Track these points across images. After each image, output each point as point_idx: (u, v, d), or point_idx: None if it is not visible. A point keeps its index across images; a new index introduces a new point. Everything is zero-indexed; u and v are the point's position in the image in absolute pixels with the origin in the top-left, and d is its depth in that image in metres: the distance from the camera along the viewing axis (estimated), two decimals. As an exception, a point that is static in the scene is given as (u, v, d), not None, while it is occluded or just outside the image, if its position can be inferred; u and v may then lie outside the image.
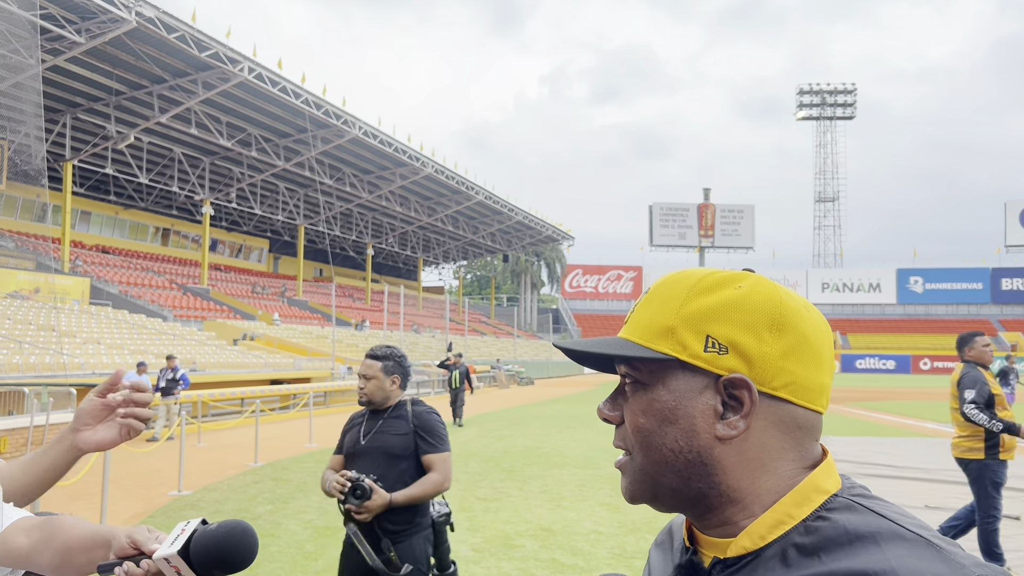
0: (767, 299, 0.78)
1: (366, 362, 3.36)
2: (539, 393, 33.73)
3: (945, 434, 16.16)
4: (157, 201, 44.34)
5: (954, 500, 8.50)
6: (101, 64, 27.72)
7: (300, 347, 33.31)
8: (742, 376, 0.76)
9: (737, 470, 0.77)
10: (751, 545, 0.75)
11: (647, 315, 0.82)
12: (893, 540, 0.68)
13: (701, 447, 0.77)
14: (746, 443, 0.77)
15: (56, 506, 8.42)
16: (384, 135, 39.33)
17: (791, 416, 0.78)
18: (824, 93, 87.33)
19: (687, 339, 0.78)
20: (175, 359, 16.36)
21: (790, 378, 0.77)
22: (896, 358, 66.77)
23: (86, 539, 1.25)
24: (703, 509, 0.79)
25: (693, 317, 0.78)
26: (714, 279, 0.81)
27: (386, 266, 69.90)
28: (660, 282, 0.85)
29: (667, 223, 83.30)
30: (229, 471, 11.22)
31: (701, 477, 0.77)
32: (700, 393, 0.77)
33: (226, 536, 1.18)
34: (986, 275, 78.75)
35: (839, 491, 0.76)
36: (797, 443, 0.78)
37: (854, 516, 0.72)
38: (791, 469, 0.77)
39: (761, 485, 0.77)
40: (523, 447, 13.83)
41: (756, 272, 0.82)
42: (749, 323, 0.77)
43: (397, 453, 3.29)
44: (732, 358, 0.76)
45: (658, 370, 0.79)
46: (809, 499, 0.75)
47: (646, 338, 0.80)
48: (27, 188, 34.21)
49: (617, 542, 6.87)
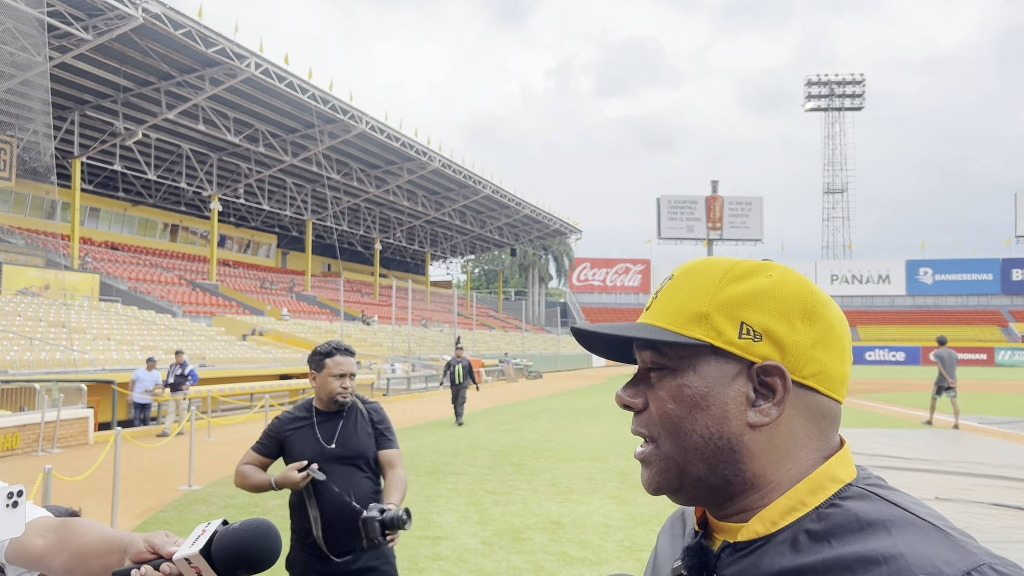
0: (799, 288, 0.79)
1: (347, 359, 3.19)
2: (547, 387, 33.73)
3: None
4: (165, 197, 44.49)
5: (965, 492, 8.47)
6: (108, 61, 27.77)
7: (309, 342, 33.35)
8: (777, 363, 0.76)
9: (764, 457, 0.77)
10: (763, 530, 0.75)
11: (676, 301, 0.81)
12: (904, 527, 0.68)
13: (732, 434, 0.77)
14: (775, 431, 0.77)
15: (67, 501, 8.46)
16: (391, 129, 39.32)
17: (817, 405, 0.78)
18: (832, 84, 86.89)
19: (722, 325, 0.77)
20: (183, 354, 16.41)
21: (819, 367, 0.77)
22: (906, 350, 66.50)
23: (102, 544, 1.23)
24: (725, 497, 0.79)
25: (728, 303, 0.78)
26: (745, 267, 0.81)
27: (394, 261, 69.99)
28: (687, 268, 0.84)
29: (675, 216, 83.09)
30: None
31: (728, 464, 0.77)
32: (732, 380, 0.77)
33: (249, 535, 1.15)
34: (996, 266, 78.30)
35: (854, 480, 0.76)
36: (820, 432, 0.79)
37: (867, 504, 0.72)
38: (812, 458, 0.78)
39: (784, 473, 0.77)
40: (532, 441, 13.84)
41: (778, 263, 0.83)
42: (783, 311, 0.77)
43: (368, 454, 3.18)
44: (766, 345, 0.77)
45: (689, 356, 0.79)
46: (824, 487, 0.75)
47: (676, 323, 0.80)
48: (36, 185, 34.35)
49: (626, 535, 6.87)
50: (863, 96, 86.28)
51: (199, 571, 1.14)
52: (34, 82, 24.90)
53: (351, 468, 3.11)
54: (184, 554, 1.14)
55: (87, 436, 14.05)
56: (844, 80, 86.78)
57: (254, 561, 1.15)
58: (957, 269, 79.54)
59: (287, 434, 3.20)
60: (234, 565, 1.14)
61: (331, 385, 3.17)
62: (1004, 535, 6.46)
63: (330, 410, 3.22)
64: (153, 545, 1.17)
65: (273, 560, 1.17)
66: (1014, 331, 70.10)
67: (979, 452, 11.82)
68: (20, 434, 12.61)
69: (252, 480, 3.16)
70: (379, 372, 29.70)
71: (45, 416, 12.90)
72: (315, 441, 3.13)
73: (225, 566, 1.14)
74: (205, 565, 1.13)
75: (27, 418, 12.89)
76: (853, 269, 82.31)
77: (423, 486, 9.25)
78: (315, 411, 3.23)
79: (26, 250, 32.68)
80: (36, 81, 24.76)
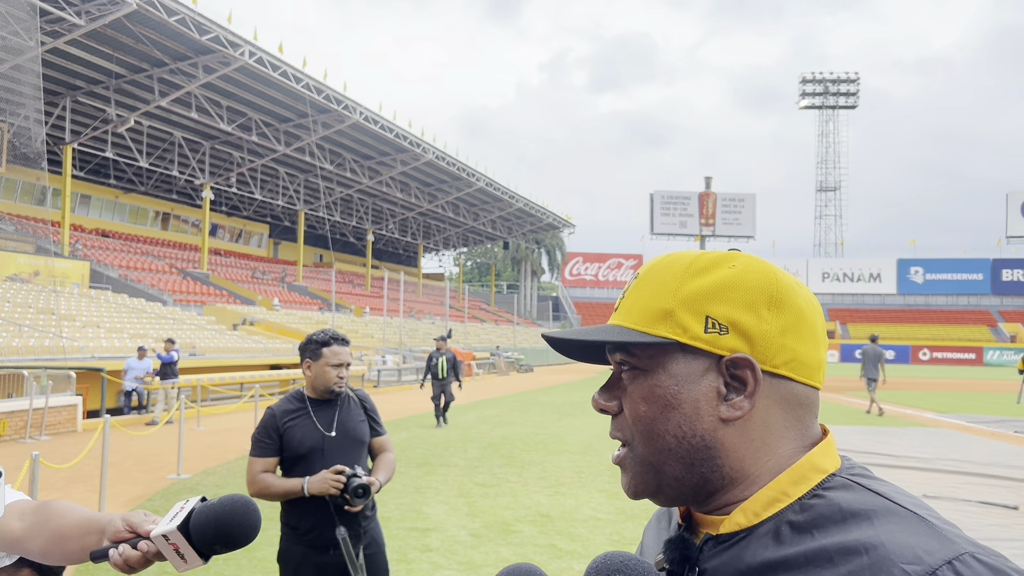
0: (763, 277, 0.77)
1: (343, 349, 3.16)
2: (538, 380, 33.77)
3: (943, 424, 16.17)
4: (157, 185, 44.25)
5: (953, 490, 8.51)
6: (101, 47, 27.57)
7: (300, 332, 33.27)
8: (745, 355, 0.75)
9: (740, 450, 0.76)
10: (745, 522, 0.74)
11: (640, 300, 0.80)
12: (886, 516, 0.67)
13: (705, 430, 0.76)
14: (749, 423, 0.76)
15: (55, 489, 8.43)
16: (385, 120, 39.20)
17: (792, 393, 0.77)
18: (827, 82, 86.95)
19: (687, 321, 0.76)
20: (174, 344, 16.35)
21: (791, 355, 0.76)
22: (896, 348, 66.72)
23: (80, 525, 1.21)
24: (705, 494, 0.78)
25: (691, 298, 0.77)
26: (707, 259, 0.80)
27: (386, 252, 69.86)
28: (650, 266, 0.83)
29: (668, 211, 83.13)
30: (228, 455, 11.22)
31: (704, 461, 0.76)
32: (702, 375, 0.76)
33: (227, 511, 1.14)
34: (987, 266, 78.63)
35: (837, 471, 0.75)
36: (798, 420, 0.77)
37: (850, 494, 0.71)
38: (792, 448, 0.77)
39: (763, 465, 0.76)
40: (522, 434, 13.84)
41: (743, 252, 0.81)
42: (748, 301, 0.76)
43: (364, 439, 3.20)
44: (733, 338, 0.75)
45: (657, 355, 0.78)
46: (806, 478, 0.74)
47: (642, 323, 0.78)
48: (27, 171, 34.08)
49: (615, 528, 6.88)
50: (858, 95, 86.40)
51: (177, 548, 1.12)
52: (25, 67, 24.69)
53: (352, 454, 3.13)
54: (162, 531, 1.12)
55: (75, 424, 13.99)
56: (839, 78, 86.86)
57: (233, 537, 1.14)
58: (948, 269, 79.83)
59: (286, 426, 3.13)
60: (212, 541, 1.13)
61: (328, 375, 3.13)
62: (991, 533, 6.50)
63: (324, 398, 3.20)
64: (131, 524, 1.15)
65: (252, 536, 1.16)
66: (1003, 331, 70.48)
67: (967, 451, 11.88)
68: (8, 421, 12.55)
69: (277, 488, 3.03)
70: (370, 363, 29.68)
71: (33, 403, 12.84)
72: (315, 429, 3.11)
73: (203, 542, 1.13)
74: (183, 541, 1.12)
75: (15, 405, 12.83)
76: (845, 267, 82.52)
77: (413, 478, 9.24)
78: (308, 400, 3.19)
79: (16, 236, 32.47)
80: (27, 66, 24.56)
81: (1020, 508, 7.57)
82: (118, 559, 1.13)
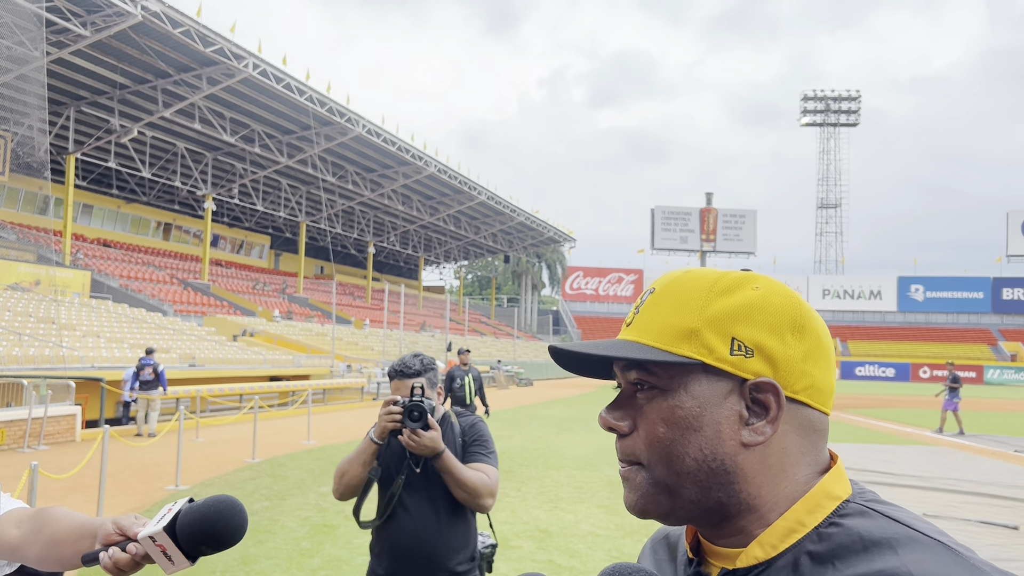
0: (787, 300, 0.76)
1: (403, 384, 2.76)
2: (538, 394, 33.70)
3: (943, 442, 16.14)
4: (159, 196, 44.34)
5: (953, 509, 8.49)
6: (105, 58, 27.71)
7: (300, 344, 33.28)
8: (770, 380, 0.73)
9: (759, 477, 0.74)
10: (763, 555, 0.72)
11: (661, 316, 0.77)
12: (910, 545, 0.65)
13: (726, 455, 0.74)
14: (768, 448, 0.74)
15: (54, 499, 8.42)
16: (387, 133, 39.32)
17: (808, 419, 0.76)
18: (828, 100, 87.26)
19: (713, 342, 0.74)
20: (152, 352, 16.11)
21: (810, 381, 0.75)
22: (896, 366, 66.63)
23: (74, 530, 1.22)
24: (719, 519, 0.76)
25: (717, 318, 0.75)
26: (731, 279, 0.78)
27: (387, 265, 69.90)
28: (670, 281, 0.80)
29: (669, 227, 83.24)
30: (227, 467, 11.20)
31: (722, 486, 0.74)
32: (725, 398, 0.74)
33: (213, 511, 1.13)
34: (987, 284, 78.64)
35: (851, 496, 0.74)
36: (812, 446, 0.76)
37: (868, 522, 0.69)
38: (807, 474, 0.75)
39: (780, 492, 0.74)
40: (521, 448, 13.81)
41: (758, 273, 0.80)
42: (773, 325, 0.75)
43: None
44: (758, 361, 0.74)
45: (679, 374, 0.75)
46: (821, 506, 0.72)
47: (664, 340, 0.76)
48: (30, 180, 34.23)
49: (614, 544, 6.86)
50: (859, 112, 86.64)
51: (164, 549, 1.13)
52: (30, 77, 24.83)
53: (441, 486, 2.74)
54: (148, 532, 1.13)
55: (74, 433, 13.96)
56: (840, 96, 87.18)
57: (219, 538, 1.14)
58: (948, 287, 79.85)
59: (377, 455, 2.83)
60: (198, 542, 1.13)
61: None
62: (992, 553, 6.48)
63: None
64: (121, 527, 1.16)
65: (238, 537, 1.16)
66: (1003, 350, 70.38)
67: (967, 470, 11.85)
68: (6, 430, 12.53)
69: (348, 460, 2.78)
70: (370, 376, 29.64)
71: (32, 412, 12.82)
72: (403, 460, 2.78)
73: (189, 543, 1.13)
74: (170, 543, 1.12)
75: (14, 414, 12.80)
76: (845, 284, 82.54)
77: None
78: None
79: (18, 245, 32.52)
80: (32, 76, 24.69)
81: (1020, 528, 7.55)
82: (108, 562, 1.14)
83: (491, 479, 2.73)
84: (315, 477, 10.28)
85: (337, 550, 6.55)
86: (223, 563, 6.01)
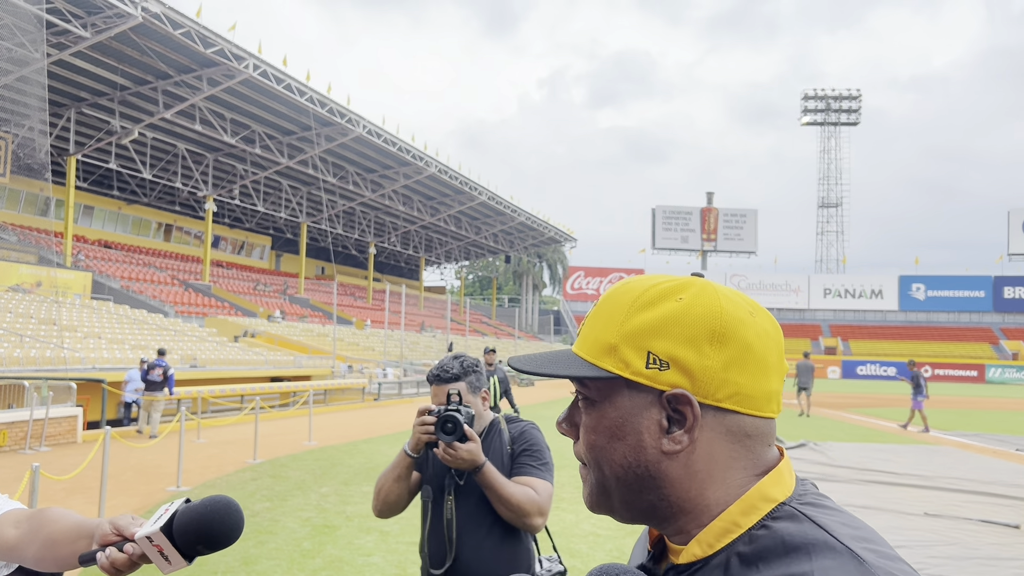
0: (707, 310, 0.77)
1: (441, 389, 2.54)
2: (539, 394, 33.69)
3: (945, 441, 16.13)
4: (160, 197, 44.39)
5: (954, 508, 8.48)
6: (106, 59, 27.73)
7: (301, 345, 33.32)
8: (683, 391, 0.76)
9: (684, 482, 0.77)
10: (700, 552, 0.76)
11: (593, 331, 0.82)
12: (824, 552, 0.67)
13: (649, 462, 0.78)
14: (693, 456, 0.77)
15: (55, 500, 8.42)
16: (388, 134, 39.33)
17: (739, 426, 0.78)
18: (829, 99, 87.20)
19: (629, 356, 0.78)
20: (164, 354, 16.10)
21: (734, 389, 0.76)
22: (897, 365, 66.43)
23: (71, 531, 1.23)
24: (657, 519, 0.81)
25: (634, 334, 0.78)
26: (656, 291, 0.80)
27: (388, 265, 69.92)
28: (607, 295, 0.84)
29: (670, 226, 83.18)
30: (228, 467, 11.21)
31: (650, 490, 0.79)
32: (646, 409, 0.78)
33: (210, 511, 1.15)
34: (988, 283, 78.54)
35: (788, 499, 0.76)
36: (747, 451, 0.78)
37: (793, 526, 0.71)
38: (741, 478, 0.78)
39: (709, 496, 0.77)
40: (522, 448, 13.78)
41: (705, 277, 0.82)
42: (689, 337, 0.77)
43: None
44: (674, 373, 0.77)
45: (605, 387, 0.80)
46: (756, 508, 0.75)
47: (592, 355, 0.80)
48: (30, 182, 34.24)
49: (615, 544, 6.86)
50: (859, 111, 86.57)
51: (161, 549, 1.13)
52: (31, 79, 24.85)
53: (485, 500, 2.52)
54: (145, 533, 1.14)
55: (75, 435, 13.97)
56: (840, 95, 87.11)
57: (215, 538, 1.15)
58: (949, 286, 79.76)
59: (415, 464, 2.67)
60: (195, 542, 1.14)
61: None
62: (993, 552, 6.47)
63: None
64: (118, 527, 1.17)
65: (234, 537, 1.17)
66: (1005, 348, 70.30)
67: (969, 468, 11.84)
68: (8, 431, 12.54)
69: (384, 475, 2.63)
70: (371, 376, 29.64)
71: (34, 414, 12.83)
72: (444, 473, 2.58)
73: (186, 543, 1.14)
74: (166, 542, 1.13)
75: (15, 415, 12.81)
76: (846, 283, 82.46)
77: (412, 492, 9.21)
78: None
79: (19, 246, 32.56)
80: (33, 78, 24.72)
81: (1021, 527, 7.54)
82: (105, 562, 1.15)
83: (540, 495, 2.48)
84: (316, 478, 10.29)
85: (338, 551, 6.56)
86: (224, 564, 6.01)
